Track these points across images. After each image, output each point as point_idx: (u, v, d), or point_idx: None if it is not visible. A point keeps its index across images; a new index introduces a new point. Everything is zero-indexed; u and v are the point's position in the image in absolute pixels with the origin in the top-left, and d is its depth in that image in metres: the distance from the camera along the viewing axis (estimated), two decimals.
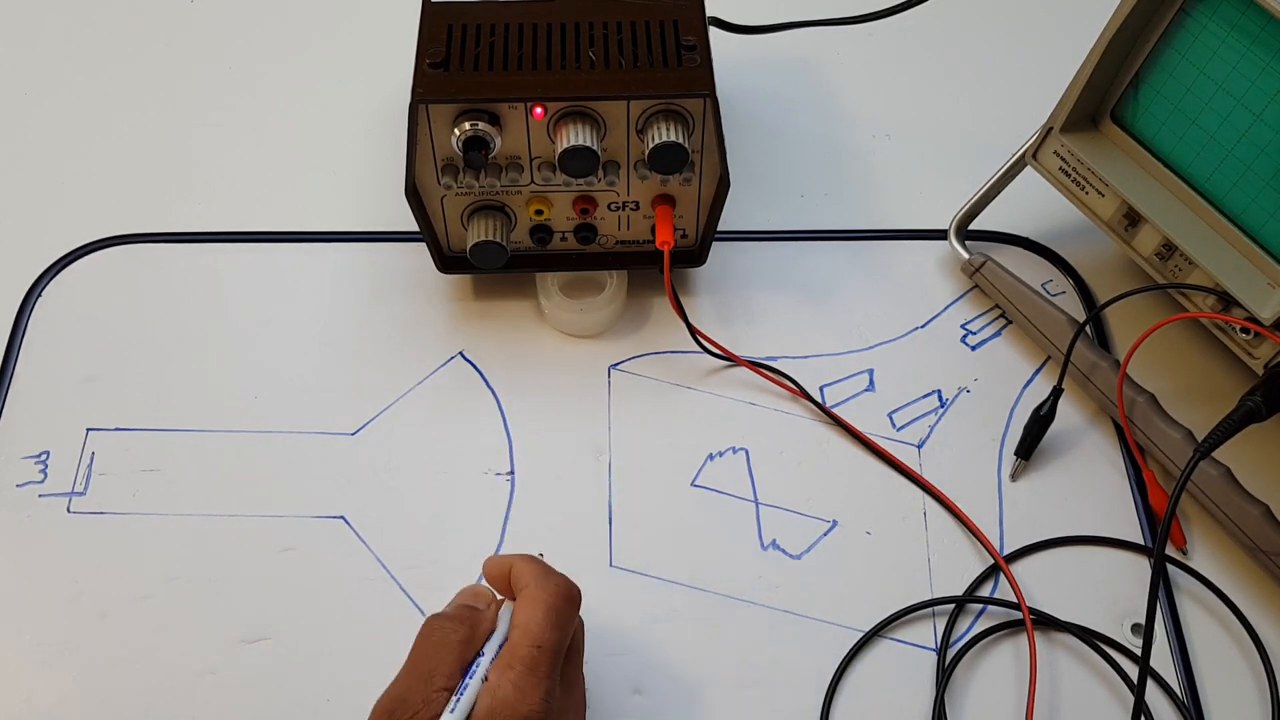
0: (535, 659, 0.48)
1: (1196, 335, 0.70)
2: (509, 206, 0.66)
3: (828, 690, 0.58)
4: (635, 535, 0.63)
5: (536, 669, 0.48)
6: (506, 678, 0.48)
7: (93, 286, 0.71)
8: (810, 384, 0.68)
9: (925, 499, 0.65)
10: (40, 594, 0.60)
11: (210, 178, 0.77)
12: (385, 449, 0.65)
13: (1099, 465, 0.66)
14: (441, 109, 0.61)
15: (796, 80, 0.84)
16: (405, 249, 0.72)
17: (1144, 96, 0.64)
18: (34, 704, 0.57)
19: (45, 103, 0.81)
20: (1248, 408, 0.59)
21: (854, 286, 0.73)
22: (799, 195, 0.77)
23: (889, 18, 0.76)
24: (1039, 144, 0.68)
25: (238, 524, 0.62)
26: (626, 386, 0.68)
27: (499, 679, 0.48)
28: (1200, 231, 0.63)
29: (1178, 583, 0.62)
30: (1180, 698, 0.58)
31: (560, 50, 0.63)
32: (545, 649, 0.49)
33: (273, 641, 0.59)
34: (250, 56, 0.84)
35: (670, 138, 0.61)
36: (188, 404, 0.66)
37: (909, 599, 0.61)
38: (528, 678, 0.48)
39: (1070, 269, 0.74)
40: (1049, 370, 0.69)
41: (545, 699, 0.48)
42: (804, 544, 0.63)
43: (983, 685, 0.59)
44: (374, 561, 0.61)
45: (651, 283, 0.71)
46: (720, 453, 0.66)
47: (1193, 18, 0.60)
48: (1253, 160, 0.60)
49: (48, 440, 0.64)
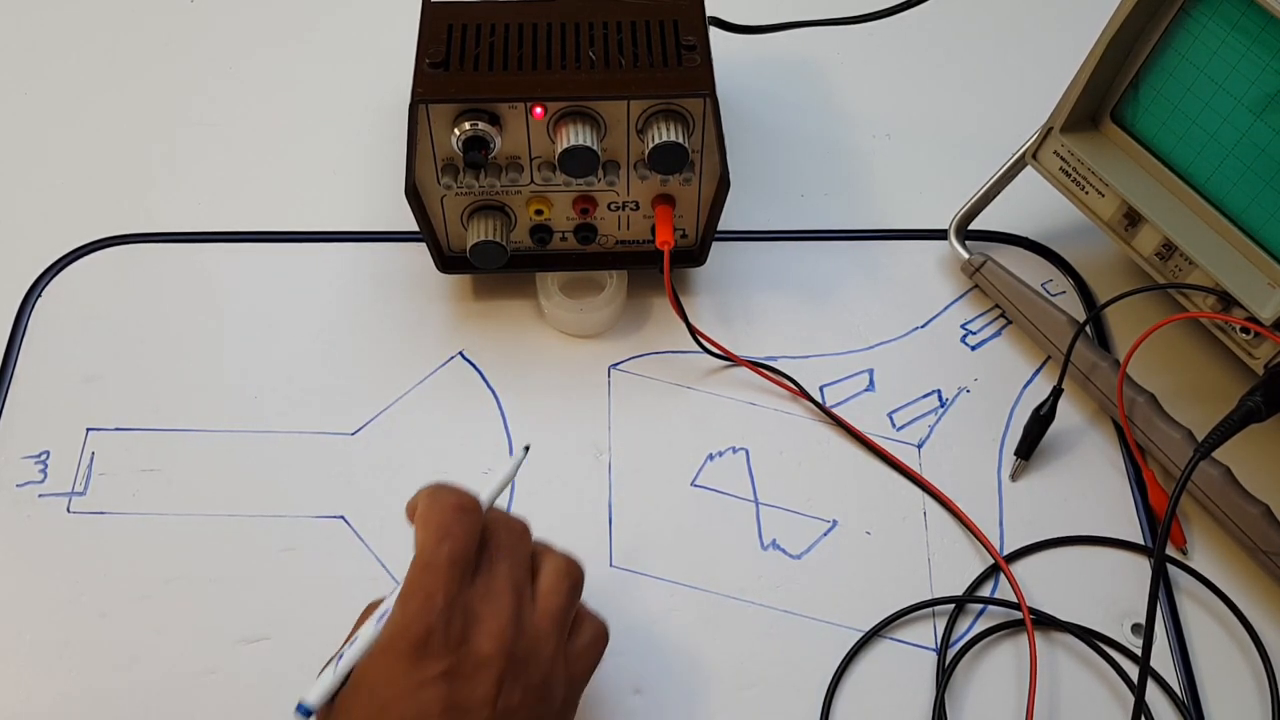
0: (417, 578, 0.46)
1: (1196, 335, 0.70)
2: (509, 206, 0.66)
3: (828, 690, 0.58)
4: (635, 535, 0.63)
5: (420, 585, 0.45)
6: (395, 605, 0.46)
7: (93, 286, 0.71)
8: (810, 384, 0.68)
9: (925, 499, 0.65)
10: (40, 594, 0.60)
11: (210, 178, 0.77)
12: (385, 449, 0.65)
13: (1099, 465, 0.66)
14: (441, 109, 0.61)
15: (796, 80, 0.84)
16: (405, 249, 0.72)
17: (1144, 96, 0.64)
18: (34, 704, 0.57)
19: (45, 103, 0.81)
20: (1248, 408, 0.59)
21: (854, 286, 0.73)
22: (799, 195, 0.77)
23: (889, 18, 0.76)
24: (1039, 144, 0.68)
25: (238, 524, 0.62)
26: (626, 386, 0.68)
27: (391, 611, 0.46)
28: (1200, 231, 0.63)
29: (1178, 583, 0.62)
30: (1180, 698, 0.58)
31: (560, 50, 0.63)
32: (433, 565, 0.45)
33: (273, 641, 0.59)
34: (250, 56, 0.84)
35: (670, 138, 0.61)
36: (188, 404, 0.66)
37: (909, 599, 0.61)
38: (408, 599, 0.45)
39: (1070, 269, 0.74)
40: (1049, 370, 0.69)
41: (425, 609, 0.45)
42: (804, 544, 0.63)
43: (983, 685, 0.59)
44: (374, 561, 0.61)
45: (651, 283, 0.71)
46: (720, 453, 0.66)
47: (1193, 18, 0.60)
48: (1253, 160, 0.60)
49: (48, 440, 0.64)
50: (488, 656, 0.45)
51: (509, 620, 0.46)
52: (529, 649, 0.47)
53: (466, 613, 0.46)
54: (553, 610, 0.48)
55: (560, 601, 0.49)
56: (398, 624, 0.45)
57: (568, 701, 0.49)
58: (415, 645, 0.44)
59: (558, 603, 0.49)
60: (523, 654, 0.46)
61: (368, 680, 0.45)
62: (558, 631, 0.48)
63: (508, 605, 0.47)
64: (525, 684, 0.46)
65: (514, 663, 0.46)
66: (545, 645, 0.47)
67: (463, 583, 0.46)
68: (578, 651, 0.50)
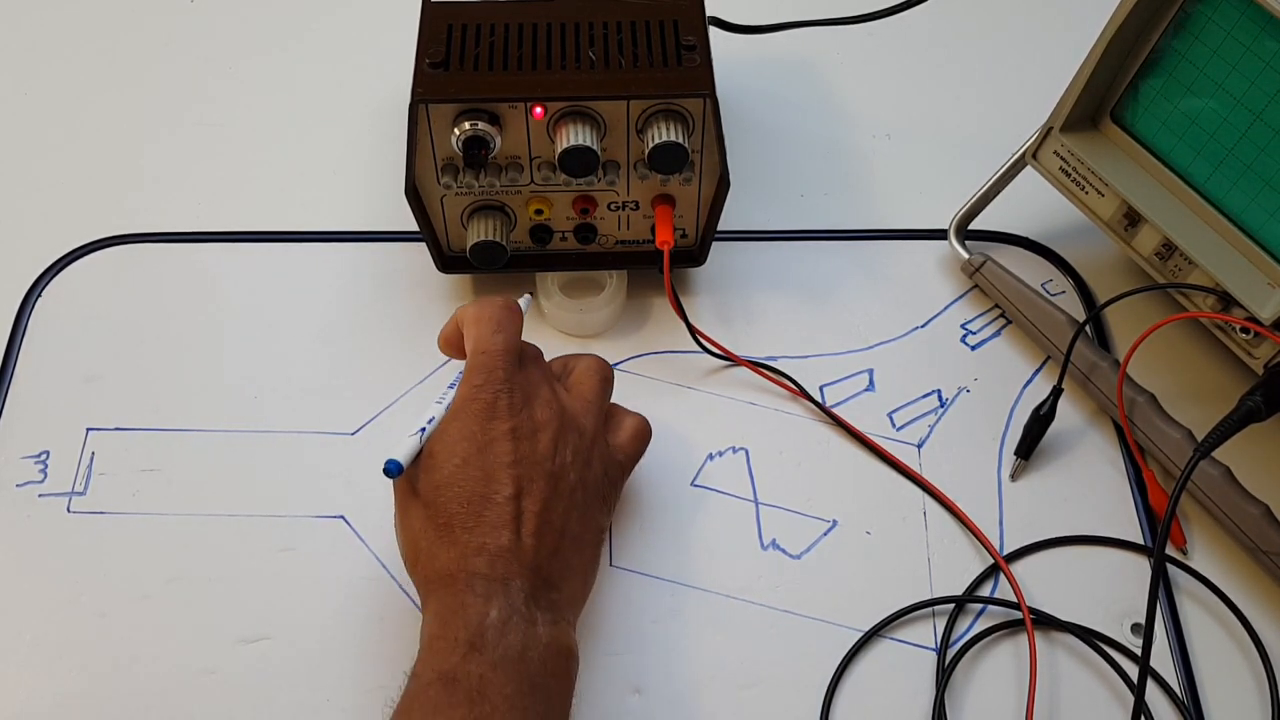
0: (478, 361, 0.54)
1: (1196, 335, 0.70)
2: (509, 206, 0.66)
3: (828, 690, 0.58)
4: (635, 535, 0.63)
5: (482, 365, 0.54)
6: (461, 383, 0.55)
7: (93, 286, 0.71)
8: (810, 384, 0.68)
9: (925, 499, 0.65)
10: (40, 594, 0.60)
11: (210, 178, 0.77)
12: (385, 449, 0.64)
13: (1099, 465, 0.66)
14: (441, 109, 0.61)
15: (796, 80, 0.84)
16: (405, 249, 0.72)
17: (1144, 96, 0.64)
18: (34, 704, 0.56)
19: (45, 103, 0.81)
20: (1248, 408, 0.59)
21: (854, 286, 0.73)
22: (799, 195, 0.77)
23: (889, 18, 0.76)
24: (1039, 144, 0.68)
25: (238, 524, 0.62)
26: (626, 386, 0.68)
27: (457, 388, 0.55)
28: (1200, 231, 0.63)
29: (1178, 583, 0.62)
30: (1180, 698, 0.58)
31: (560, 50, 0.63)
32: (491, 351, 0.54)
33: (273, 641, 0.59)
34: (251, 56, 0.84)
35: (670, 137, 0.61)
36: (188, 404, 0.66)
37: (909, 599, 0.61)
38: (472, 375, 0.54)
39: (1070, 269, 0.74)
40: (1049, 370, 0.69)
41: (489, 381, 0.53)
42: (804, 544, 0.63)
43: (983, 685, 0.59)
44: (374, 561, 0.61)
45: (651, 283, 0.71)
46: (720, 453, 0.66)
47: (1193, 18, 0.60)
48: (1253, 160, 0.60)
49: (48, 440, 0.64)
50: (544, 420, 0.54)
51: (552, 397, 0.55)
52: (572, 421, 0.55)
53: (523, 388, 0.54)
54: (586, 394, 0.58)
55: (592, 388, 0.58)
56: (466, 396, 0.54)
57: (609, 478, 0.57)
58: (486, 408, 0.53)
59: (590, 388, 0.58)
60: (569, 423, 0.55)
61: (446, 439, 0.53)
62: (594, 413, 0.57)
63: (548, 389, 0.56)
64: (574, 448, 0.55)
65: (564, 428, 0.54)
66: (585, 421, 0.56)
67: (516, 367, 0.55)
68: (620, 442, 0.59)
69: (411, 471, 0.53)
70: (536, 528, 0.52)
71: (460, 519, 0.51)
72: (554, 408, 0.55)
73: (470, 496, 0.51)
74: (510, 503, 0.51)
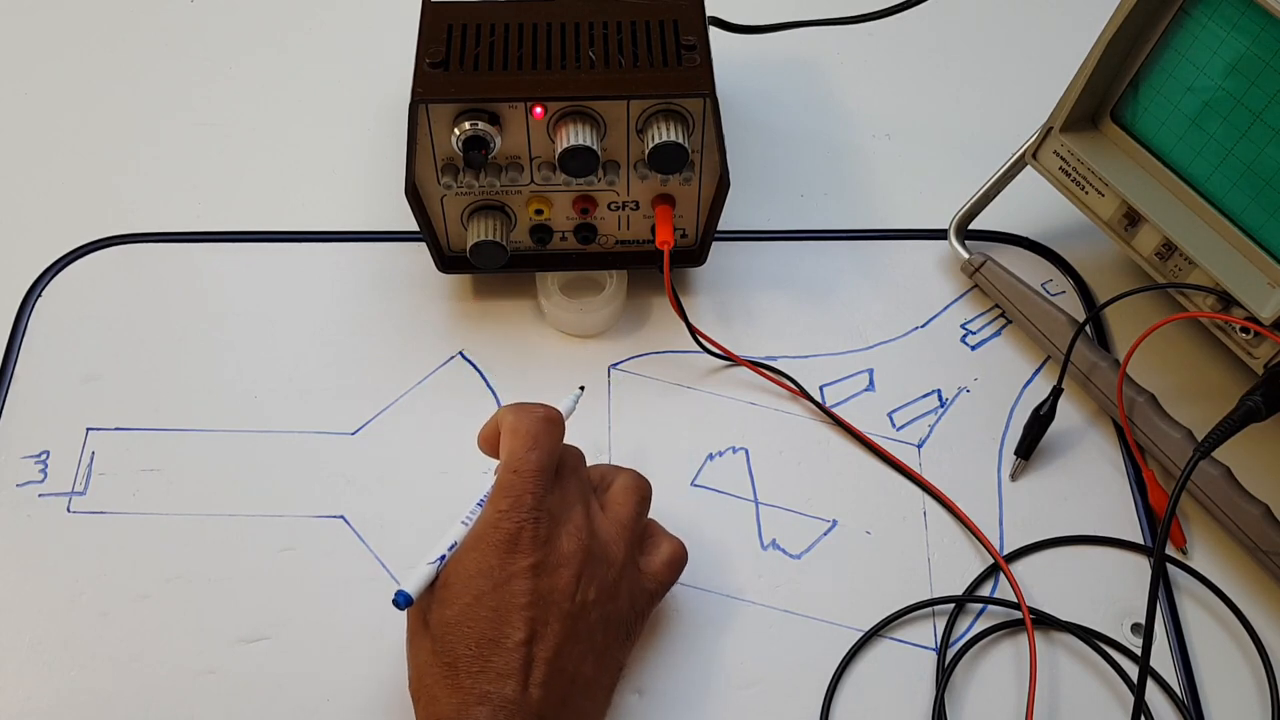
0: (508, 481, 0.51)
1: (1196, 335, 0.70)
2: (509, 206, 0.66)
3: (828, 690, 0.58)
4: None
5: (510, 488, 0.51)
6: (487, 505, 0.51)
7: (93, 286, 0.71)
8: (810, 384, 0.68)
9: (925, 499, 0.65)
10: (40, 594, 0.60)
11: (210, 177, 0.77)
12: (385, 449, 0.65)
13: (1099, 465, 0.66)
14: (441, 109, 0.61)
15: (796, 80, 0.84)
16: (405, 249, 0.72)
17: (1144, 96, 0.64)
18: (34, 704, 0.56)
19: (45, 103, 0.81)
20: (1248, 408, 0.59)
21: (854, 286, 0.73)
22: (799, 195, 0.77)
23: (889, 18, 0.76)
24: (1039, 144, 0.68)
25: (238, 524, 0.62)
26: (626, 386, 0.68)
27: (482, 510, 0.52)
28: (1200, 231, 0.63)
29: (1178, 583, 0.62)
30: (1180, 698, 0.58)
31: (560, 50, 0.63)
32: (523, 471, 0.51)
33: (273, 641, 0.59)
34: (250, 56, 0.84)
35: (670, 137, 0.61)
36: (188, 404, 0.66)
37: (909, 599, 0.61)
38: (501, 496, 0.51)
39: (1070, 269, 0.74)
40: (1049, 370, 0.69)
41: (515, 507, 0.50)
42: (804, 544, 0.63)
43: (983, 685, 0.59)
44: (374, 561, 0.61)
45: (651, 283, 0.71)
46: (720, 453, 0.66)
47: (1193, 18, 0.60)
48: (1253, 160, 0.60)
49: (48, 440, 0.64)
50: (569, 554, 0.51)
51: (583, 524, 0.52)
52: (601, 551, 0.52)
53: (551, 515, 0.51)
54: (621, 518, 0.55)
55: (628, 511, 0.55)
56: (490, 521, 0.51)
57: (635, 610, 0.54)
58: (507, 540, 0.50)
59: (626, 512, 0.55)
60: (597, 553, 0.52)
61: (462, 570, 0.50)
62: (626, 538, 0.54)
63: (581, 512, 0.53)
64: (600, 582, 0.52)
65: (590, 561, 0.51)
66: (615, 549, 0.53)
67: (548, 488, 0.52)
68: (653, 569, 0.56)
69: (426, 599, 0.51)
70: (546, 676, 0.49)
71: (466, 662, 0.48)
72: (581, 538, 0.52)
73: (479, 638, 0.49)
74: (520, 648, 0.49)
